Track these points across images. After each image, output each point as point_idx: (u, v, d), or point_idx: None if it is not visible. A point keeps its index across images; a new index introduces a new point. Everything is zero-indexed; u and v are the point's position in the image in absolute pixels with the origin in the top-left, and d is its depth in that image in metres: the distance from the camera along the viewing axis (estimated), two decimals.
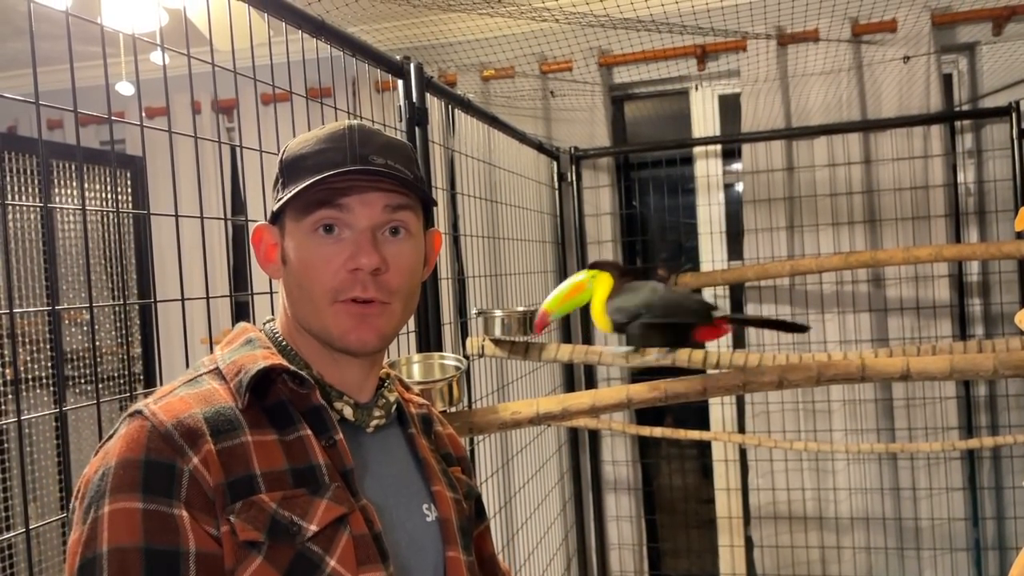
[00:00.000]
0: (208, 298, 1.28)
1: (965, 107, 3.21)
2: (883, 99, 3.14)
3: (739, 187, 3.42)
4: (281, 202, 0.91)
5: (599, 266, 1.75)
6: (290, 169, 0.92)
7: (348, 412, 0.94)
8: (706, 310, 1.62)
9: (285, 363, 0.89)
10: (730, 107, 3.42)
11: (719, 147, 3.46)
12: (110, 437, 0.83)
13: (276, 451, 0.84)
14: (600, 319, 1.71)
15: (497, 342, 2.22)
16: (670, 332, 1.65)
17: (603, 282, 1.72)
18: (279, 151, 1.48)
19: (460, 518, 0.99)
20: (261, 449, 0.83)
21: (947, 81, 3.20)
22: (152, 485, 0.77)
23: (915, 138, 3.12)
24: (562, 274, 3.47)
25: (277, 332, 0.97)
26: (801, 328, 1.71)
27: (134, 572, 0.74)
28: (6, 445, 2.82)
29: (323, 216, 0.89)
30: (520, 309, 2.22)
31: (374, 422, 0.96)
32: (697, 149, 3.48)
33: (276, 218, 0.94)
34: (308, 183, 0.88)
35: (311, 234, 0.89)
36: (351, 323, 0.89)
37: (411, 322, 1.82)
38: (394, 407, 1.00)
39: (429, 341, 1.86)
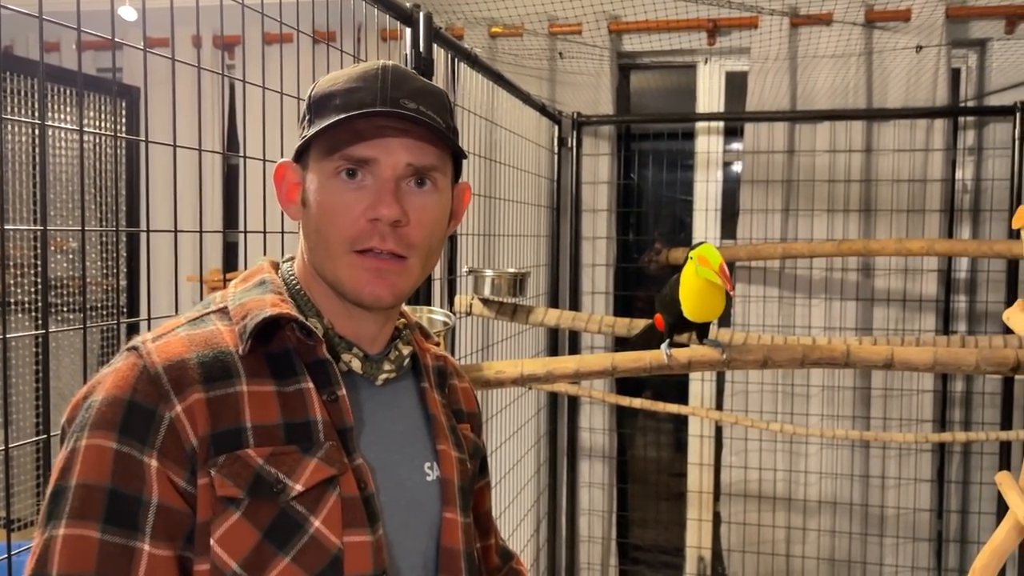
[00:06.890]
0: (200, 232, 1.27)
1: (970, 103, 3.20)
2: (889, 89, 3.13)
3: (738, 167, 3.40)
4: (304, 140, 0.88)
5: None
6: (318, 106, 0.88)
7: (356, 365, 0.91)
8: None
9: (294, 312, 0.86)
10: (736, 85, 3.39)
11: (722, 124, 3.44)
12: (107, 367, 0.82)
13: (272, 403, 0.82)
14: None
15: (485, 302, 2.22)
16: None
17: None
18: (280, 91, 1.48)
19: (462, 479, 0.97)
20: (256, 400, 0.82)
21: (955, 76, 3.19)
22: (130, 427, 0.76)
23: (918, 130, 3.11)
24: (555, 240, 3.46)
25: (293, 275, 0.94)
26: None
27: (95, 510, 0.74)
28: None
29: (346, 160, 0.85)
30: (511, 270, 2.21)
31: (383, 375, 0.93)
32: (700, 125, 3.46)
33: (300, 156, 0.91)
34: (331, 122, 0.84)
35: (333, 177, 0.86)
36: (366, 277, 0.86)
37: None
38: (407, 360, 0.97)
39: (418, 294, 1.86)
